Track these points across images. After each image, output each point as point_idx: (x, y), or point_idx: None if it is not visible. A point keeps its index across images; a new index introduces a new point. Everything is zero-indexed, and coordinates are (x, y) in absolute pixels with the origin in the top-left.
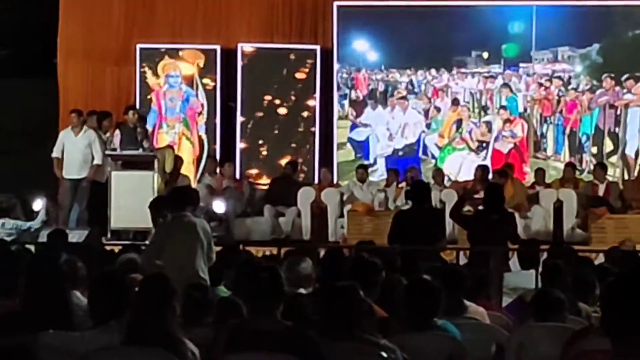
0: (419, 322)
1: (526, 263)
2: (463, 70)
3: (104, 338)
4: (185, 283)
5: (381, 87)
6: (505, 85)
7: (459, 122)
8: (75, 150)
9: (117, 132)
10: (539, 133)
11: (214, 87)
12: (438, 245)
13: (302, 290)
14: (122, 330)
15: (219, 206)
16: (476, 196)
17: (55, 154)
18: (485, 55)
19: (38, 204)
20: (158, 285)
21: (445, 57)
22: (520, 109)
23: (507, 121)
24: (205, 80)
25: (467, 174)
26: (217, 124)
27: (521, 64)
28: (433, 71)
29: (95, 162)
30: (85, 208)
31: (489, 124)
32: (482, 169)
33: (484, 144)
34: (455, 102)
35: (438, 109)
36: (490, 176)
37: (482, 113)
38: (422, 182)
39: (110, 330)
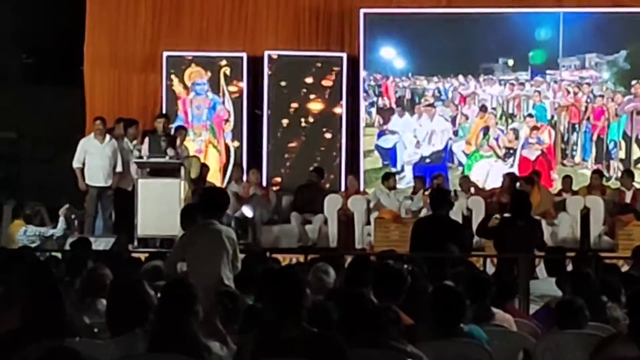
0: (445, 329)
1: (553, 270)
2: (490, 77)
3: (129, 346)
4: (209, 290)
5: (408, 95)
6: (533, 92)
7: (486, 129)
8: (101, 157)
9: (147, 139)
10: (566, 140)
11: (241, 95)
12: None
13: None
14: (146, 338)
15: (247, 211)
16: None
17: (77, 164)
18: (512, 62)
19: (69, 212)
20: (179, 291)
21: (472, 64)
22: (548, 116)
23: (534, 128)
24: (232, 88)
25: (494, 182)
26: (244, 131)
27: (548, 71)
28: (460, 78)
29: (118, 169)
30: (109, 216)
31: (516, 131)
32: (509, 177)
33: (511, 151)
34: (482, 109)
35: (465, 116)
36: (517, 183)
37: (509, 120)
38: (441, 190)
39: (134, 337)
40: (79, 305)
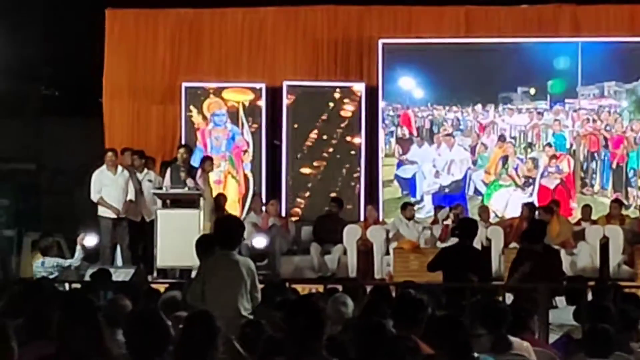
0: (454, 357)
1: (572, 300)
2: (509, 106)
3: None
4: (227, 321)
5: (427, 124)
6: (553, 121)
7: (505, 159)
8: (115, 189)
9: (168, 170)
10: (585, 168)
11: (259, 125)
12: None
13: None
14: None
15: (259, 242)
16: None
17: (97, 195)
18: (532, 91)
19: (90, 241)
20: (202, 323)
21: (491, 93)
22: (567, 145)
23: (553, 157)
24: (251, 119)
25: (513, 211)
26: (263, 162)
27: (567, 100)
28: (479, 107)
29: (129, 198)
30: (127, 246)
31: (535, 160)
32: (528, 207)
33: (530, 180)
34: (501, 138)
35: (484, 146)
36: (536, 213)
37: (529, 149)
38: (470, 220)
39: None
40: None
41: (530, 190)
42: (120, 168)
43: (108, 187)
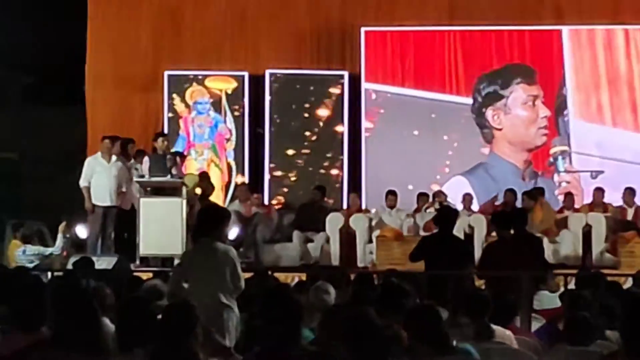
0: (435, 347)
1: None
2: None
3: None
4: (207, 311)
5: (410, 111)
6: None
7: None
8: (107, 177)
9: (146, 158)
10: None
11: (242, 114)
12: (464, 271)
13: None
14: (146, 357)
15: (231, 233)
16: None
17: (85, 182)
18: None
19: (80, 230)
20: (182, 312)
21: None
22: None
23: None
24: (234, 107)
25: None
26: (246, 150)
27: None
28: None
29: (123, 189)
30: (109, 235)
31: None
32: (511, 192)
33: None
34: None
35: None
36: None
37: None
38: (450, 208)
39: (135, 357)
40: None
41: None
42: (114, 157)
43: (100, 174)
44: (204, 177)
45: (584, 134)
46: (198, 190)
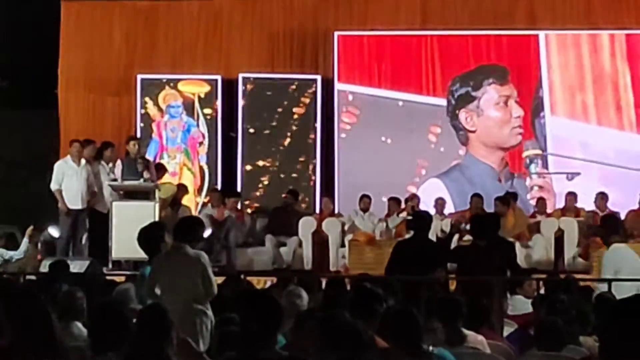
0: (407, 350)
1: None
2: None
3: None
4: (181, 316)
5: (383, 115)
6: None
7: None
8: (78, 180)
9: (119, 162)
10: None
11: (215, 117)
12: (437, 275)
13: None
14: None
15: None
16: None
17: (56, 185)
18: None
19: (53, 232)
20: (156, 316)
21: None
22: None
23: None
24: (206, 110)
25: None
26: (219, 154)
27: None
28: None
29: (93, 189)
30: (80, 239)
31: None
32: (477, 197)
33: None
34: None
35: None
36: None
37: None
38: (424, 212)
39: None
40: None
41: None
42: (83, 161)
43: (71, 177)
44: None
45: (566, 133)
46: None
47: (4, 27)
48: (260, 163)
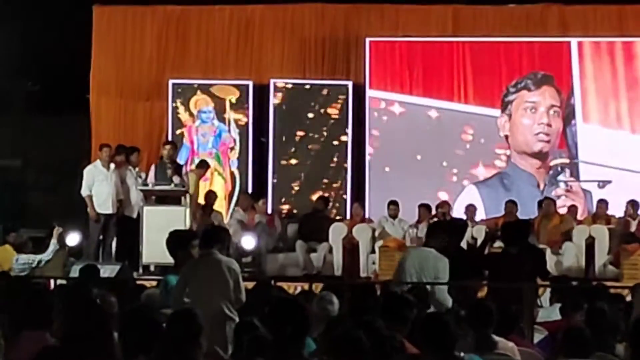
0: (439, 356)
1: (557, 299)
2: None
3: None
4: (210, 322)
5: (414, 121)
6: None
7: None
8: (108, 185)
9: (153, 167)
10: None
11: (246, 123)
12: (473, 282)
13: None
14: None
15: (248, 242)
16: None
17: (87, 191)
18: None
19: (72, 239)
20: (186, 321)
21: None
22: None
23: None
24: (237, 116)
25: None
26: (250, 159)
27: None
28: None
29: (121, 197)
30: (110, 243)
31: None
32: (512, 203)
33: None
34: None
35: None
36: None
37: None
38: (458, 220)
39: None
40: None
41: None
42: (113, 165)
43: (101, 182)
44: (210, 195)
45: (599, 141)
46: (201, 201)
47: (35, 32)
48: (292, 168)
